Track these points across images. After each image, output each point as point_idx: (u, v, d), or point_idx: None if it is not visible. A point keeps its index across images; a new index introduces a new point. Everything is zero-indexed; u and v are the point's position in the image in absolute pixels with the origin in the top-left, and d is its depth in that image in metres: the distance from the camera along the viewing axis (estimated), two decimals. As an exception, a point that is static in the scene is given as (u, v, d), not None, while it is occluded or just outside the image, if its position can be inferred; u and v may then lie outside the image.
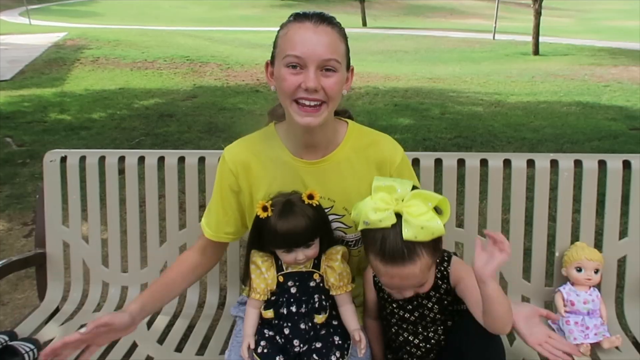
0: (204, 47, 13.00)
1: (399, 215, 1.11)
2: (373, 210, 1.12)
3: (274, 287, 1.33)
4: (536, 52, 13.98)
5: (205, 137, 5.38)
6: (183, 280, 1.43)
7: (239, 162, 1.37)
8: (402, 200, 1.13)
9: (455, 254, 1.37)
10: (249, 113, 6.45)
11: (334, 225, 1.38)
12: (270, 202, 1.30)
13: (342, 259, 1.36)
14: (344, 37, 1.25)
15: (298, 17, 1.22)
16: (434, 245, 1.15)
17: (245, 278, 1.38)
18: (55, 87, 8.33)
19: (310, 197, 1.30)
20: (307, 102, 1.19)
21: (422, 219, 1.09)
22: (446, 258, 1.29)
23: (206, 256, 1.46)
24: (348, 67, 1.28)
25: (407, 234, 1.09)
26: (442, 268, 1.28)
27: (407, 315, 1.31)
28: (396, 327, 1.35)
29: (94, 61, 10.64)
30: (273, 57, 1.26)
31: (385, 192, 1.15)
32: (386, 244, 1.11)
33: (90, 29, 16.75)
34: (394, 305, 1.32)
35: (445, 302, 1.29)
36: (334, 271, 1.34)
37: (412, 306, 1.30)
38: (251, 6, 33.32)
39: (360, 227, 1.16)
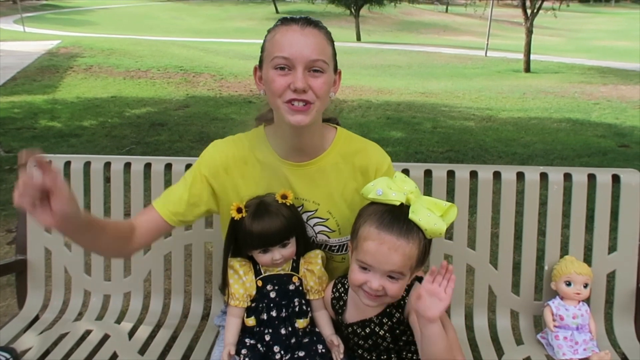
0: (198, 58, 13.03)
1: (407, 206, 1.15)
2: (388, 187, 1.15)
3: (253, 292, 1.32)
4: (527, 69, 14.18)
5: (196, 146, 5.36)
6: (114, 235, 1.23)
7: (224, 160, 1.35)
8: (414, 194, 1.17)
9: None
10: (241, 123, 6.44)
11: (318, 229, 1.37)
12: (244, 203, 1.30)
13: (322, 264, 1.35)
14: (331, 40, 1.26)
15: (285, 21, 1.23)
16: (424, 250, 1.14)
17: (224, 286, 1.36)
18: (47, 94, 8.28)
19: (284, 197, 1.30)
20: (296, 103, 1.19)
21: (430, 210, 1.13)
22: (406, 288, 1.24)
23: (137, 232, 1.28)
24: (335, 69, 1.28)
25: (413, 215, 1.12)
26: (401, 297, 1.23)
27: (361, 342, 1.28)
28: (350, 352, 1.32)
29: (86, 69, 10.61)
30: (261, 61, 1.26)
31: (402, 181, 1.19)
32: (389, 214, 1.13)
33: (85, 37, 16.76)
34: (349, 330, 1.29)
35: (397, 331, 1.25)
36: (314, 275, 1.33)
37: (365, 333, 1.27)
38: (247, 19, 33.55)
39: (370, 196, 1.17)
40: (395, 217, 1.12)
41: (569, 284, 1.59)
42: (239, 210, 1.29)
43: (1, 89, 8.75)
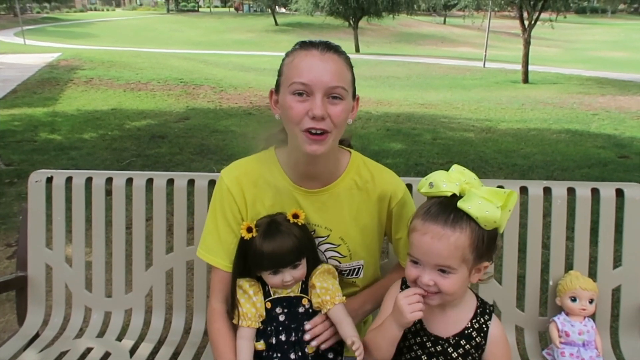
0: (197, 70, 13.10)
1: (460, 196, 1.09)
2: (440, 179, 1.11)
3: (263, 313, 1.28)
4: (526, 80, 14.26)
5: (196, 159, 5.36)
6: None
7: (238, 184, 1.33)
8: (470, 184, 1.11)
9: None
10: (241, 135, 6.45)
11: (329, 254, 1.35)
12: (254, 222, 1.27)
13: (327, 274, 1.31)
14: (350, 66, 1.24)
15: (304, 45, 1.21)
16: (479, 241, 1.07)
17: (232, 308, 1.32)
18: (47, 107, 8.30)
19: (295, 216, 1.27)
20: (313, 131, 1.16)
21: (484, 196, 1.06)
22: (488, 311, 1.19)
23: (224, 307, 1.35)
24: (354, 95, 1.26)
25: (462, 203, 1.07)
26: (482, 320, 1.16)
27: (424, 357, 1.18)
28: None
29: (87, 82, 10.65)
30: (278, 85, 1.24)
31: (460, 173, 1.13)
32: (438, 205, 1.09)
33: (85, 50, 16.87)
34: (417, 340, 1.19)
35: (469, 358, 1.16)
36: (314, 288, 1.28)
37: (435, 350, 1.17)
38: (246, 31, 33.80)
39: (423, 190, 1.13)
40: (443, 207, 1.08)
41: (574, 299, 1.58)
42: (249, 230, 1.25)
43: (1, 101, 8.78)
